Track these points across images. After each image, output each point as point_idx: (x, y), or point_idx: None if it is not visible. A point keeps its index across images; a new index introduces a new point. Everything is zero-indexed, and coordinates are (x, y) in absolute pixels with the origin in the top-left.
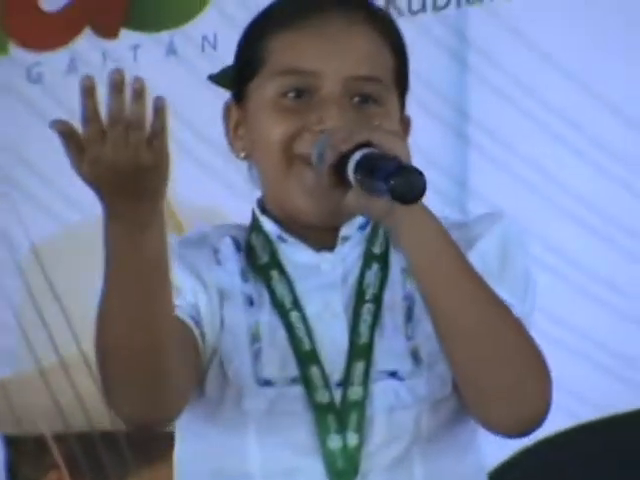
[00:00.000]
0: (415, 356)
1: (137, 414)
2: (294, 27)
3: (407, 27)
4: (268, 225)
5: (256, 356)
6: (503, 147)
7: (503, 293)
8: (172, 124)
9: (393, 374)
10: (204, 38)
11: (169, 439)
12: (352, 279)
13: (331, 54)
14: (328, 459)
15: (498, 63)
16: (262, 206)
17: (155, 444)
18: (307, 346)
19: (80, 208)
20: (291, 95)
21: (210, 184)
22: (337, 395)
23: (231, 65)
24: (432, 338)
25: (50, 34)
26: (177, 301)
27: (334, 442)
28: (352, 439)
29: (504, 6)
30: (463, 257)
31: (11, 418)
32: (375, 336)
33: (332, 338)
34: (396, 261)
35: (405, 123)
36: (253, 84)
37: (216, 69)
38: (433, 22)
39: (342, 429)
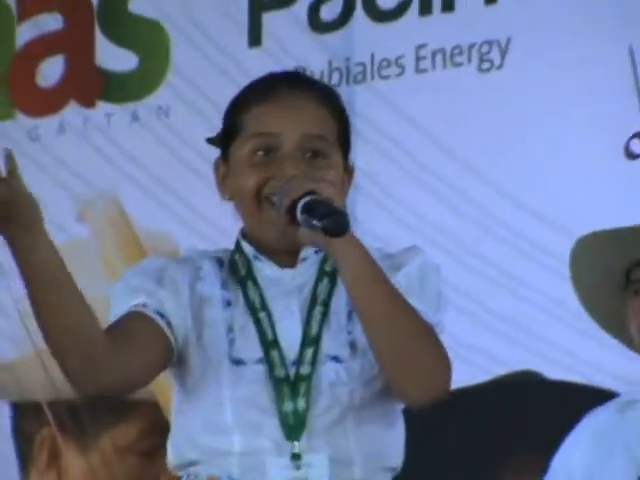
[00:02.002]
0: (352, 346)
1: (82, 386)
2: (261, 103)
3: None
4: (247, 247)
5: (231, 342)
6: (382, 191)
7: (421, 305)
8: (134, 171)
9: (335, 358)
10: (159, 108)
11: (133, 406)
12: (307, 289)
13: (288, 120)
14: (283, 418)
15: (378, 128)
16: (243, 234)
17: (122, 409)
18: (270, 336)
19: (66, 231)
20: (260, 153)
21: (166, 217)
22: (291, 372)
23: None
24: None
25: (45, 104)
26: (143, 299)
27: (288, 406)
28: (301, 404)
29: (383, 84)
30: (381, 275)
31: (16, 389)
32: (323, 330)
33: (290, 330)
34: None
35: (349, 170)
36: (234, 146)
37: (168, 132)
38: None
39: (294, 396)
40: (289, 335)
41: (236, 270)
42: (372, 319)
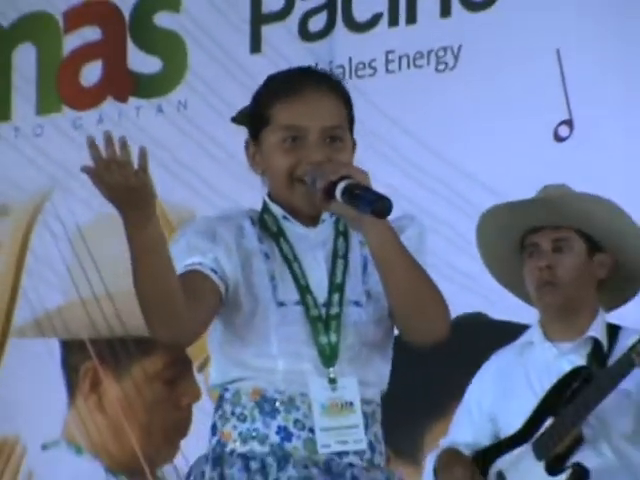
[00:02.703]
0: (368, 294)
1: (165, 337)
2: (288, 98)
3: None
4: (275, 208)
5: (274, 288)
6: None
7: (421, 259)
8: (159, 153)
9: (356, 303)
10: (179, 102)
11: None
12: (329, 244)
13: (311, 115)
14: (320, 348)
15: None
16: (270, 197)
17: (150, 344)
18: (303, 282)
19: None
20: (289, 141)
21: (185, 192)
22: (323, 312)
23: (243, 108)
24: (377, 284)
25: (86, 100)
26: (199, 259)
27: (323, 339)
28: (333, 338)
29: (359, 82)
30: (400, 244)
31: (64, 330)
32: (345, 278)
33: (319, 278)
34: (354, 235)
35: (354, 144)
36: (265, 132)
37: (186, 122)
38: None
39: (327, 331)
40: (318, 282)
41: (266, 227)
42: (393, 275)
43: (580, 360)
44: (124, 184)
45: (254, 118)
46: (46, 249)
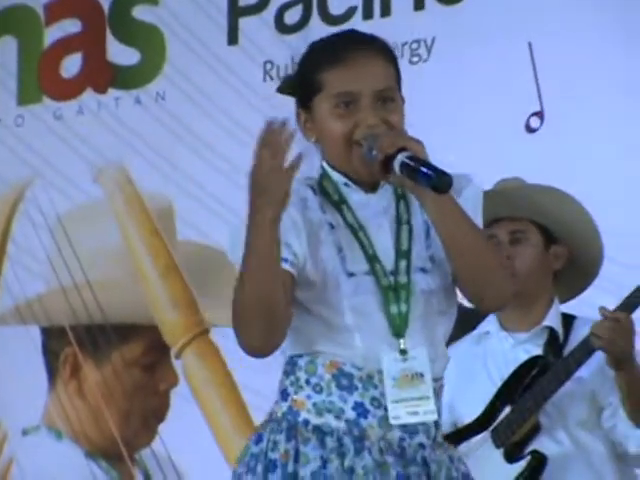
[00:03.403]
0: (432, 259)
1: (259, 348)
2: (338, 64)
3: None
4: (336, 175)
5: (342, 259)
6: None
7: (478, 221)
8: (138, 144)
9: (422, 269)
10: (157, 93)
11: (137, 328)
12: (391, 210)
13: (363, 79)
14: (390, 318)
15: None
16: (329, 164)
17: (129, 331)
18: (371, 251)
19: (85, 192)
20: (342, 106)
21: (163, 181)
22: (392, 280)
23: (288, 76)
24: (440, 249)
25: (67, 91)
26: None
27: (393, 309)
28: (403, 307)
29: None
30: (460, 213)
31: (45, 317)
32: (411, 244)
33: (385, 245)
34: (413, 199)
35: (402, 101)
36: (316, 100)
37: (164, 113)
38: None
39: (397, 300)
40: (385, 249)
41: (327, 194)
42: (455, 244)
43: (536, 349)
44: (281, 187)
45: (303, 86)
46: (27, 238)
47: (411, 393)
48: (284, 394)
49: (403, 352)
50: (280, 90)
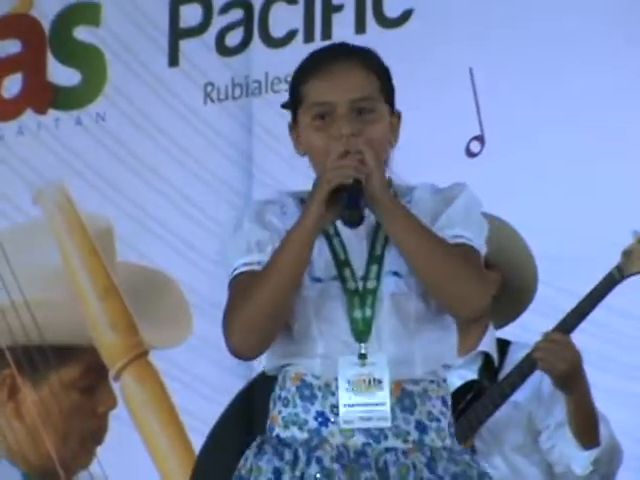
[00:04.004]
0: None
1: (251, 352)
2: (316, 76)
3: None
4: None
5: (310, 264)
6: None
7: (466, 232)
8: (77, 164)
9: (396, 273)
10: (97, 114)
11: (76, 350)
12: (372, 217)
13: (338, 89)
14: (353, 324)
15: (271, 132)
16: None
17: (67, 352)
18: (343, 257)
19: (25, 213)
20: (319, 118)
21: (102, 201)
22: (360, 285)
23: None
24: None
25: (7, 111)
26: (259, 257)
27: (357, 314)
28: (368, 312)
29: (275, 97)
30: (411, 224)
31: None
32: (385, 249)
33: (359, 251)
34: None
35: (396, 116)
36: (299, 113)
37: (105, 136)
38: (233, 105)
39: (362, 305)
40: (358, 255)
41: None
42: (409, 255)
43: (471, 374)
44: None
45: (290, 99)
46: None
47: (366, 398)
48: (269, 411)
49: (362, 357)
50: (283, 105)
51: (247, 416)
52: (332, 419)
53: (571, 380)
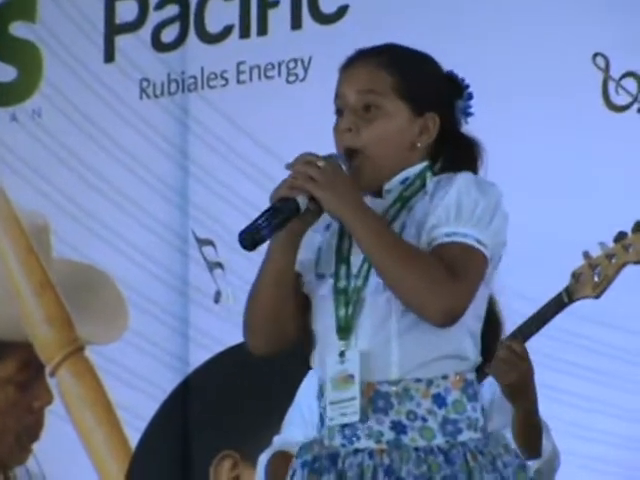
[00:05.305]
0: None
1: (259, 351)
2: (340, 74)
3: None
4: None
5: (317, 260)
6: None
7: (460, 228)
8: (13, 161)
9: None
10: (33, 111)
11: (10, 346)
12: (386, 216)
13: (346, 82)
14: (338, 321)
15: (207, 127)
16: None
17: (2, 348)
18: (345, 254)
19: None
20: (338, 115)
21: (38, 198)
22: (352, 283)
23: None
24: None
25: None
26: None
27: (341, 311)
28: (350, 309)
29: (211, 93)
30: (364, 230)
31: None
32: None
33: (358, 253)
34: (417, 204)
35: (426, 119)
36: None
37: (41, 132)
38: (169, 101)
39: (347, 303)
40: (359, 254)
41: None
42: (372, 261)
43: None
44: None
45: None
46: None
47: (342, 394)
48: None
49: (342, 354)
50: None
51: (183, 412)
52: (326, 419)
53: (521, 391)
